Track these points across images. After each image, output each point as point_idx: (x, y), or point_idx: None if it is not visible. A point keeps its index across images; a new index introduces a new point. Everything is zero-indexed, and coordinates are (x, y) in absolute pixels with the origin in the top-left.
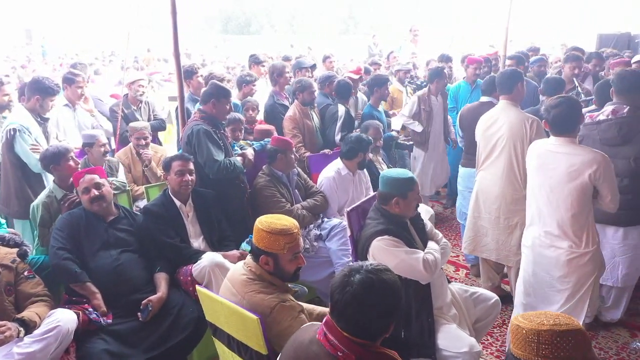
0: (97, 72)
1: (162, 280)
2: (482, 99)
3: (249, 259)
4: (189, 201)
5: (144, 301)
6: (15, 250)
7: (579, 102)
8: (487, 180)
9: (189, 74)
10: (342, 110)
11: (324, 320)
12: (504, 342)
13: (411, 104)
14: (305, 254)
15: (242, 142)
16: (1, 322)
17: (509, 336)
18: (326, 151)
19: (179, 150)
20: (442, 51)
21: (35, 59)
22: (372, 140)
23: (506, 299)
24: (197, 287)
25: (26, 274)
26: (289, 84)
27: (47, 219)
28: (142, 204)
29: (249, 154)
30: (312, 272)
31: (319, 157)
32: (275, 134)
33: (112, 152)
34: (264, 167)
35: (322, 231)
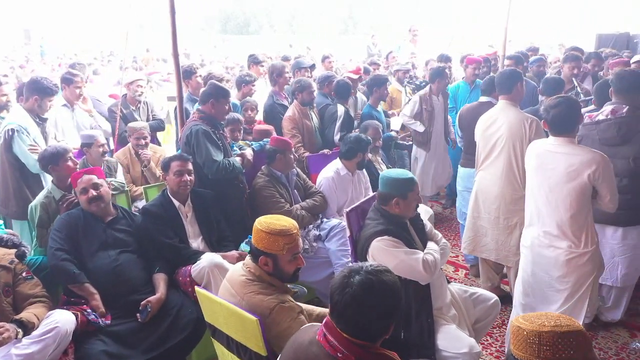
0: (95, 72)
1: (160, 280)
2: (481, 99)
3: (248, 259)
4: (188, 201)
5: (142, 302)
6: (13, 251)
7: (578, 102)
8: (486, 180)
9: (188, 74)
10: (341, 110)
11: (324, 321)
12: (503, 343)
13: (412, 103)
14: (304, 254)
15: (241, 143)
16: None
17: (508, 337)
18: (325, 151)
19: (177, 150)
20: (441, 51)
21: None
22: (371, 140)
23: (506, 299)
24: (196, 288)
25: (24, 275)
26: (288, 84)
27: (45, 219)
28: (140, 204)
29: (248, 154)
30: (311, 272)
31: (318, 157)
32: (274, 134)
33: (110, 152)
34: (263, 167)
35: (322, 231)
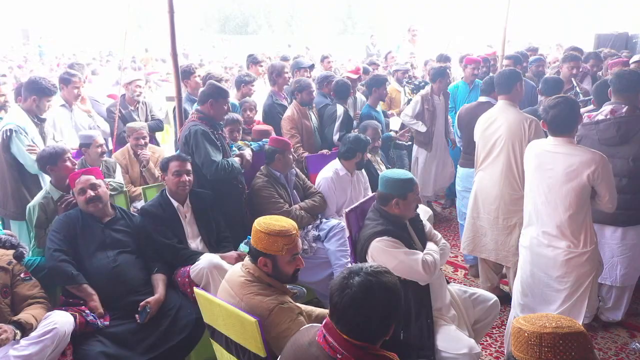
0: (94, 72)
1: (159, 281)
2: (480, 99)
3: (247, 260)
4: (187, 202)
5: (141, 303)
6: (11, 252)
7: (577, 102)
8: (485, 180)
9: (187, 74)
10: (340, 110)
11: (324, 322)
12: (503, 343)
13: (414, 103)
14: (303, 254)
15: (240, 143)
16: None
17: (507, 337)
18: (324, 151)
19: (176, 150)
20: (440, 51)
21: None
22: (371, 140)
23: (505, 299)
24: (195, 290)
25: (22, 275)
26: (287, 84)
27: (43, 220)
28: (139, 204)
29: (247, 154)
30: (310, 273)
31: (317, 158)
32: (273, 134)
33: (109, 152)
34: (262, 167)
35: (321, 232)
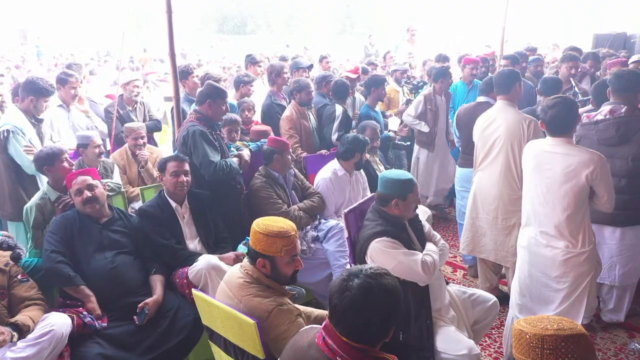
0: (92, 72)
1: (157, 282)
2: (479, 99)
3: (246, 261)
4: (185, 202)
5: (140, 304)
6: (8, 253)
7: (575, 103)
8: (484, 180)
9: (185, 74)
10: (339, 110)
11: (323, 324)
12: (502, 344)
13: (417, 103)
14: (302, 255)
15: (239, 143)
16: None
17: (506, 337)
18: (323, 152)
19: (174, 151)
20: (439, 51)
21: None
22: (369, 140)
23: (504, 299)
24: (194, 291)
25: (20, 277)
26: (286, 84)
27: (40, 221)
28: (137, 205)
29: (245, 155)
30: (309, 273)
31: (315, 158)
32: (271, 135)
33: (107, 153)
34: (261, 168)
35: (319, 232)
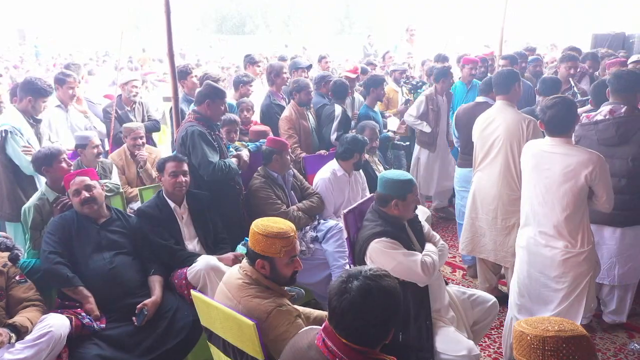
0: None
1: (156, 283)
2: (478, 99)
3: (245, 262)
4: (184, 203)
5: (138, 305)
6: (6, 254)
7: (574, 103)
8: (484, 181)
9: (183, 74)
10: (339, 110)
11: (323, 326)
12: (501, 344)
13: (419, 103)
14: (301, 256)
15: (237, 144)
16: None
17: (505, 338)
18: (322, 152)
19: (173, 151)
20: (438, 51)
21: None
22: (368, 140)
23: (504, 300)
24: (192, 292)
25: (17, 278)
26: (286, 84)
27: (38, 221)
28: (136, 206)
29: (244, 155)
30: (308, 274)
31: (314, 158)
32: (270, 135)
33: (105, 153)
34: (260, 168)
35: (318, 233)
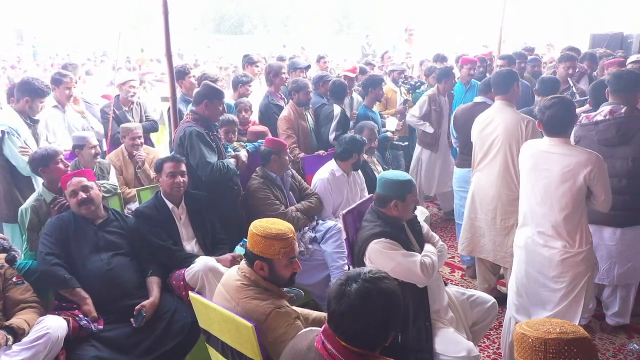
0: (88, 72)
1: (154, 284)
2: (476, 99)
3: (243, 264)
4: (182, 203)
5: (137, 307)
6: (3, 255)
7: (572, 103)
8: (483, 181)
9: (181, 74)
10: (338, 110)
11: (322, 328)
12: (501, 345)
13: (422, 103)
14: (299, 256)
15: (236, 144)
16: None
17: (504, 338)
18: (320, 152)
19: (171, 151)
20: (437, 51)
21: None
22: (367, 141)
23: (503, 300)
24: (191, 294)
25: (15, 279)
26: (285, 84)
27: (35, 222)
28: (134, 206)
29: (243, 155)
30: (307, 275)
31: (313, 159)
32: (269, 135)
33: (103, 154)
34: (258, 168)
35: (317, 233)
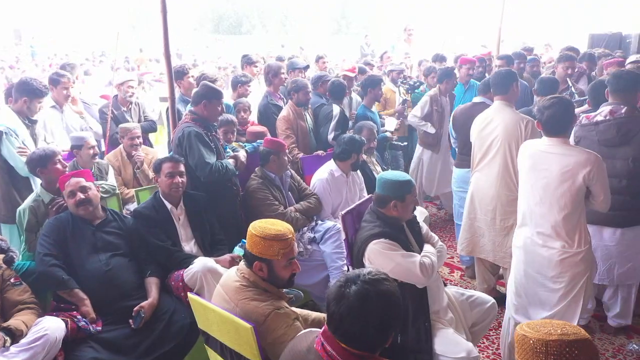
0: (87, 72)
1: (153, 285)
2: (475, 100)
3: (242, 264)
4: (181, 204)
5: (135, 308)
6: (1, 256)
7: (571, 103)
8: (482, 181)
9: (180, 74)
10: (337, 109)
11: (322, 330)
12: (500, 345)
13: (423, 104)
14: (298, 257)
15: (234, 144)
16: None
17: (503, 338)
18: (319, 152)
19: (169, 152)
20: (436, 51)
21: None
22: (366, 141)
23: (502, 300)
24: (189, 295)
25: (12, 280)
26: (284, 84)
27: (34, 223)
28: (132, 207)
29: (241, 156)
30: (306, 275)
31: (312, 159)
32: (268, 136)
33: (101, 154)
34: (257, 169)
35: (316, 234)
